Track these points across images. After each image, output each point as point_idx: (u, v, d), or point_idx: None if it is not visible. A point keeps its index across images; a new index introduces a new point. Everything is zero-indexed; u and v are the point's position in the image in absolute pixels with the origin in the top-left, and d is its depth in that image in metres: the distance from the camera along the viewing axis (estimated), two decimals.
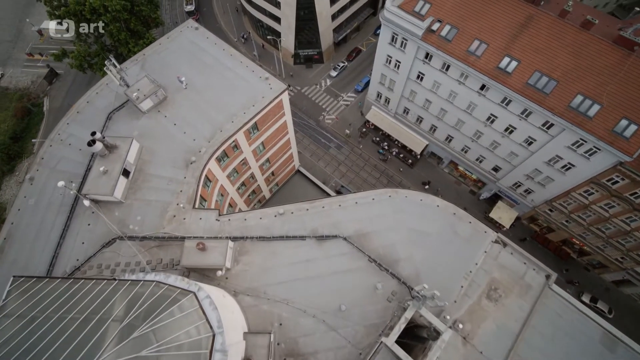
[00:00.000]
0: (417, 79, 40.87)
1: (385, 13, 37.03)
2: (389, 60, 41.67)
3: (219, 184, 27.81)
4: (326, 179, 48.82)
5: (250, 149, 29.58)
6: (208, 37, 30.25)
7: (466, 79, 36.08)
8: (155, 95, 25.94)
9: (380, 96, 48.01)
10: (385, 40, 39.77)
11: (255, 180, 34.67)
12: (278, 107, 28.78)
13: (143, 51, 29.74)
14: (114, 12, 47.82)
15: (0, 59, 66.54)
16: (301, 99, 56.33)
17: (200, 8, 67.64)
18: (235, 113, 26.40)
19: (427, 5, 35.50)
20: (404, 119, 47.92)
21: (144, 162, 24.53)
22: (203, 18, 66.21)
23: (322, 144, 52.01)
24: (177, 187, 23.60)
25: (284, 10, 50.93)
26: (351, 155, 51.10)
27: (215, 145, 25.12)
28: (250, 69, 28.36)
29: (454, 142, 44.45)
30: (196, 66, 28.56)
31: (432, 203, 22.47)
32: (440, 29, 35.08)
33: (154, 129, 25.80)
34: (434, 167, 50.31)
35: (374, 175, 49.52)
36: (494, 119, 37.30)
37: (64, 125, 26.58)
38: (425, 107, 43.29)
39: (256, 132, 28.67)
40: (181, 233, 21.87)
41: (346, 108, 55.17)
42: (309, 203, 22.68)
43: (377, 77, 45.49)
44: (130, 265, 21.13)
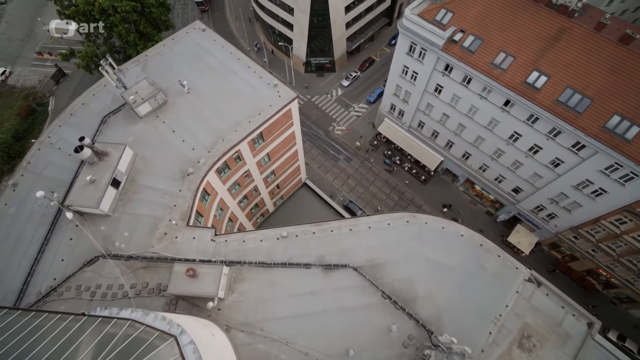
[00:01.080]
0: (434, 92, 38.51)
1: (404, 21, 34.96)
2: (405, 71, 39.46)
3: (219, 197, 25.52)
4: (334, 193, 46.35)
5: (255, 161, 27.34)
6: (215, 40, 28.38)
7: (489, 94, 33.61)
8: (154, 99, 23.94)
9: (394, 108, 45.71)
10: (402, 49, 37.63)
11: (259, 194, 32.35)
12: (286, 116, 26.60)
13: (145, 52, 27.95)
14: (123, 12, 46.74)
15: (10, 57, 66.07)
16: (311, 108, 54.31)
17: (212, 12, 66.67)
18: (240, 121, 24.24)
19: (450, 14, 33.32)
20: (418, 133, 45.46)
21: (137, 171, 22.37)
22: (214, 23, 65.15)
23: (330, 155, 49.70)
24: (170, 201, 21.33)
25: (297, 17, 49.32)
26: (361, 168, 48.63)
27: (216, 156, 22.90)
28: (258, 75, 26.30)
29: (472, 159, 41.76)
30: (200, 70, 26.61)
31: (455, 231, 19.81)
32: (462, 40, 32.81)
33: (151, 136, 23.72)
34: (448, 184, 47.55)
35: (384, 190, 46.91)
36: (517, 137, 34.63)
37: (55, 128, 24.68)
38: (442, 122, 40.82)
39: (261, 142, 26.44)
40: (171, 253, 19.50)
41: (357, 119, 52.97)
42: (316, 225, 20.19)
43: (391, 88, 43.26)
44: (112, 288, 18.77)
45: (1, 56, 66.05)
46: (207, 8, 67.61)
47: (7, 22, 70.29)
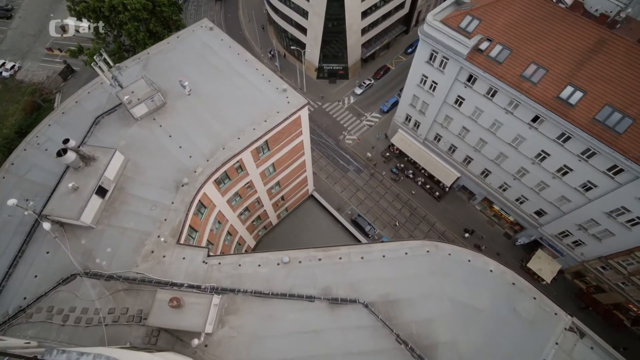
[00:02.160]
0: (454, 104, 35.96)
1: (425, 27, 32.65)
2: (424, 80, 37.04)
3: (216, 210, 23.22)
4: (341, 205, 43.82)
5: (258, 171, 25.05)
6: (222, 39, 26.38)
7: (516, 108, 30.95)
8: (152, 100, 21.88)
9: (409, 119, 43.23)
10: (421, 58, 35.27)
11: (262, 206, 30.01)
12: (295, 124, 24.32)
13: (147, 50, 26.06)
14: (132, 10, 45.45)
15: (21, 52, 65.55)
16: (321, 115, 52.14)
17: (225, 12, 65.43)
18: (243, 128, 22.01)
19: (476, 21, 30.89)
20: (434, 147, 42.81)
21: (127, 179, 20.20)
22: (227, 25, 63.83)
23: (340, 165, 47.28)
24: (161, 214, 19.07)
25: (311, 21, 47.46)
26: (371, 181, 46.07)
27: (215, 165, 20.65)
28: (267, 78, 24.13)
29: (492, 177, 38.91)
30: (204, 70, 24.56)
31: (483, 266, 17.10)
32: (489, 49, 30.32)
33: (145, 140, 21.61)
34: (463, 202, 44.65)
35: (395, 205, 44.19)
36: (545, 156, 31.79)
37: (44, 127, 22.76)
38: (461, 136, 38.15)
39: (266, 152, 24.17)
40: (157, 275, 17.15)
41: (369, 129, 50.57)
42: (323, 251, 17.67)
43: (407, 98, 40.85)
44: (88, 312, 16.46)
45: (12, 51, 65.61)
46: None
47: (21, 17, 70.07)
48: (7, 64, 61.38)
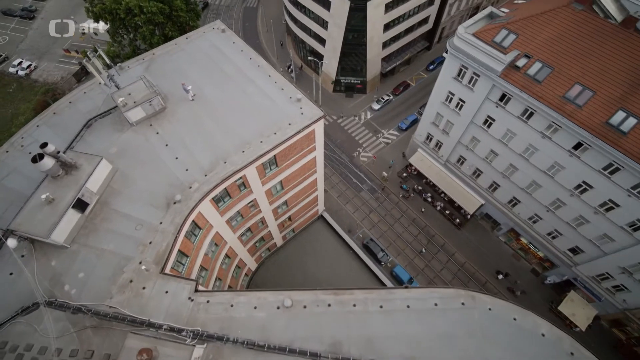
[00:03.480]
0: (483, 125, 32.84)
1: (455, 40, 29.98)
2: (450, 98, 34.14)
3: (213, 231, 20.39)
4: (353, 228, 40.58)
5: (264, 189, 22.28)
6: (234, 42, 24.17)
7: (555, 133, 27.66)
8: (150, 103, 19.53)
9: (430, 138, 40.19)
10: (448, 73, 32.49)
11: (266, 226, 27.10)
12: (308, 139, 21.61)
13: (153, 50, 24.06)
14: (148, 14, 44.41)
15: (39, 52, 65.62)
16: (336, 130, 49.56)
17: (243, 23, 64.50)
18: (249, 141, 19.36)
19: (512, 35, 28.07)
20: (456, 170, 39.51)
21: (113, 192, 17.64)
22: (244, 33, 62.72)
23: (353, 184, 44.26)
24: (146, 236, 16.32)
25: (330, 32, 45.50)
26: (386, 203, 42.80)
27: (214, 181, 17.94)
28: (280, 86, 21.62)
29: (521, 207, 35.25)
30: (212, 75, 22.25)
31: (533, 328, 13.65)
32: (527, 67, 27.36)
33: (139, 148, 19.14)
34: (486, 232, 40.86)
35: (411, 231, 40.69)
36: (586, 188, 28.19)
37: (32, 128, 20.61)
38: (488, 160, 34.83)
39: (274, 168, 21.42)
40: (133, 311, 14.24)
41: (386, 147, 47.62)
42: (334, 294, 14.52)
43: (430, 116, 37.94)
44: (46, 353, 13.61)
45: (31, 50, 65.78)
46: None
47: (43, 18, 70.63)
48: (23, 63, 61.29)
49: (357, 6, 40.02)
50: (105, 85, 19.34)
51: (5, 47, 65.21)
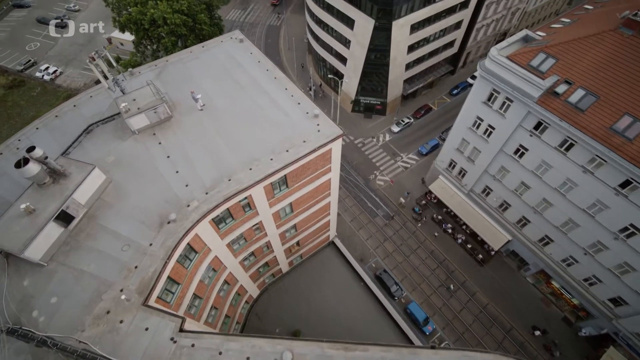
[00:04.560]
0: (514, 154, 30.18)
1: (487, 63, 27.96)
2: (478, 123, 31.79)
3: (211, 256, 18.23)
4: (365, 256, 37.72)
5: (271, 211, 20.14)
6: (252, 53, 22.83)
7: (599, 168, 24.77)
8: (155, 111, 18.00)
9: (453, 165, 37.60)
10: (478, 97, 30.30)
11: (272, 251, 24.78)
12: (324, 159, 19.56)
13: (166, 57, 22.91)
14: (172, 25, 44.58)
15: (66, 59, 67.40)
16: (352, 151, 47.59)
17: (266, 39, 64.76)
18: (259, 157, 17.43)
19: (551, 60, 25.86)
20: (481, 201, 36.54)
21: (103, 205, 15.84)
22: (266, 49, 62.76)
23: (367, 208, 41.71)
24: (132, 259, 14.28)
25: (352, 51, 44.41)
26: (402, 231, 39.91)
27: (215, 200, 15.94)
28: (296, 100, 19.87)
29: (554, 247, 31.82)
30: (225, 84, 20.77)
31: None
32: (568, 93, 24.92)
33: (138, 159, 17.47)
34: (512, 271, 37.21)
35: (429, 264, 37.46)
36: (634, 232, 24.87)
37: (31, 130, 19.36)
38: (518, 193, 31.88)
39: (284, 189, 19.34)
40: (105, 349, 12.05)
41: (404, 171, 45.17)
42: (344, 349, 11.94)
43: (454, 142, 35.53)
44: None
45: (59, 57, 67.63)
46: (278, 3, 71.99)
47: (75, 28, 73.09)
48: (50, 68, 62.77)
49: (381, 25, 38.85)
50: (110, 89, 17.98)
51: (35, 53, 67.25)
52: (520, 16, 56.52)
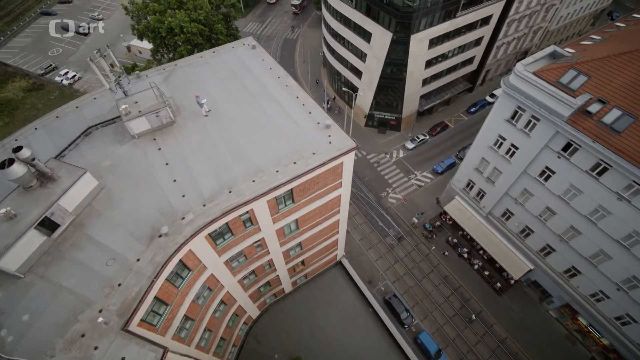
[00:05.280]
0: (539, 177, 28.08)
1: (512, 79, 26.35)
2: (500, 142, 29.93)
3: (207, 273, 16.68)
4: (374, 278, 35.54)
5: (275, 228, 18.58)
6: (264, 60, 21.84)
7: (637, 195, 22.51)
8: (156, 115, 16.93)
9: (471, 186, 35.55)
10: (501, 114, 28.57)
11: (274, 270, 23.06)
12: (334, 173, 18.06)
13: (176, 61, 22.11)
14: (188, 33, 44.72)
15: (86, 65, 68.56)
16: (364, 166, 46.02)
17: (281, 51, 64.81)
18: (263, 169, 16.04)
19: (583, 77, 24.10)
20: (500, 225, 34.20)
21: (92, 212, 14.58)
22: (281, 61, 62.65)
23: (378, 227, 39.72)
24: (117, 275, 12.85)
25: (368, 64, 43.48)
26: (414, 253, 37.66)
27: (213, 213, 14.51)
28: (307, 109, 18.58)
29: (581, 280, 29.15)
30: (233, 91, 19.69)
31: None
32: (602, 113, 23.02)
33: (135, 164, 16.29)
34: (534, 303, 34.36)
35: (442, 291, 34.97)
36: None
37: (29, 130, 18.49)
38: (542, 218, 29.57)
39: (289, 204, 17.82)
40: None
41: (418, 190, 43.22)
42: None
43: (473, 161, 33.62)
44: None
45: (79, 63, 69.08)
46: (300, 11, 72.75)
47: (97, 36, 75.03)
48: (69, 73, 63.94)
49: (399, 39, 37.87)
50: (110, 90, 17.07)
51: (57, 58, 68.89)
52: (542, 35, 55.06)
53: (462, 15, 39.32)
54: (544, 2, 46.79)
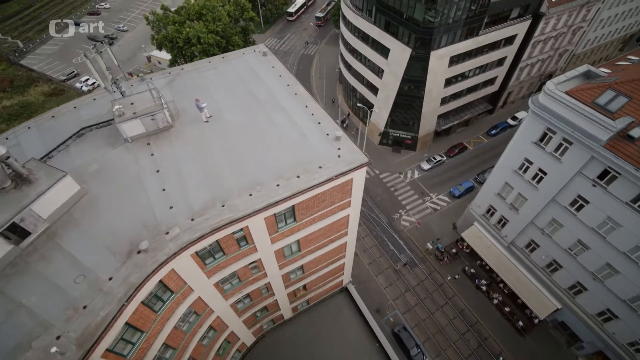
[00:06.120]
0: (570, 206, 25.45)
1: (542, 98, 24.30)
2: (526, 166, 27.56)
3: (193, 296, 14.80)
4: (382, 307, 32.80)
5: (273, 248, 16.67)
6: (274, 67, 20.60)
7: None
8: (152, 117, 15.63)
9: (491, 212, 32.93)
10: (528, 136, 26.35)
11: (272, 294, 20.96)
12: (343, 190, 16.20)
13: (183, 65, 21.08)
14: (205, 44, 44.71)
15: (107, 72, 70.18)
16: (376, 185, 43.96)
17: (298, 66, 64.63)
18: (263, 182, 14.33)
19: (622, 98, 21.86)
20: (524, 257, 31.25)
21: (70, 220, 13.07)
22: (297, 75, 62.30)
23: (389, 251, 37.20)
24: (84, 295, 11.13)
25: (385, 80, 42.16)
26: (427, 282, 34.83)
27: (201, 229, 12.77)
28: (316, 119, 17.00)
29: (618, 325, 25.80)
30: (238, 97, 18.36)
31: None
32: None
33: (123, 170, 14.87)
34: (561, 347, 30.78)
35: (457, 326, 31.83)
36: None
37: (22, 129, 17.47)
38: (573, 253, 26.66)
39: (291, 222, 15.96)
40: None
41: (433, 213, 40.68)
42: None
43: (495, 185, 31.18)
44: None
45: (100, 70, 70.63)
46: (322, 24, 73.92)
47: (120, 46, 77.06)
48: (89, 80, 65.13)
49: (418, 55, 36.51)
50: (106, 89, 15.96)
51: (80, 66, 70.56)
52: (568, 59, 52.94)
53: (485, 33, 37.85)
54: (571, 24, 45.00)
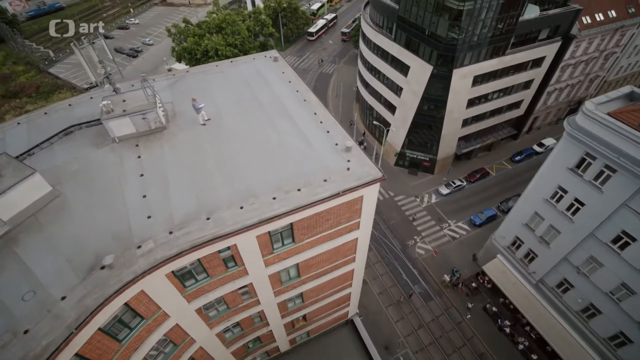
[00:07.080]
0: (612, 243, 22.25)
1: (579, 119, 21.81)
2: (559, 195, 24.68)
3: (170, 323, 12.64)
4: (392, 344, 29.48)
5: (267, 272, 14.46)
6: (284, 72, 19.22)
7: None
8: (143, 117, 14.15)
9: (518, 245, 29.74)
10: (562, 161, 23.66)
11: (266, 324, 18.48)
12: (351, 209, 14.03)
13: (188, 68, 19.93)
14: (222, 57, 44.59)
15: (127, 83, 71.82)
16: (390, 208, 41.38)
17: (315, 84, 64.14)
18: (258, 194, 12.36)
19: None
20: (555, 298, 27.67)
21: (34, 225, 11.38)
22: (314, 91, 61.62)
23: (402, 281, 34.11)
24: (28, 316, 9.19)
25: (404, 99, 40.47)
26: (443, 318, 31.39)
27: (179, 244, 10.80)
28: (325, 128, 15.16)
29: None
30: (242, 101, 16.84)
31: None
32: None
33: (104, 172, 13.26)
34: None
35: None
36: None
37: (11, 124, 16.36)
38: (615, 297, 23.15)
39: (289, 243, 13.79)
40: None
41: (451, 242, 37.57)
42: None
43: (523, 215, 28.20)
44: None
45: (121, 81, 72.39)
46: (348, 39, 74.37)
47: (143, 58, 79.37)
48: None
49: (440, 73, 34.79)
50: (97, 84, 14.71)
51: None
52: (599, 85, 50.15)
53: (512, 53, 35.94)
54: (603, 48, 42.64)
